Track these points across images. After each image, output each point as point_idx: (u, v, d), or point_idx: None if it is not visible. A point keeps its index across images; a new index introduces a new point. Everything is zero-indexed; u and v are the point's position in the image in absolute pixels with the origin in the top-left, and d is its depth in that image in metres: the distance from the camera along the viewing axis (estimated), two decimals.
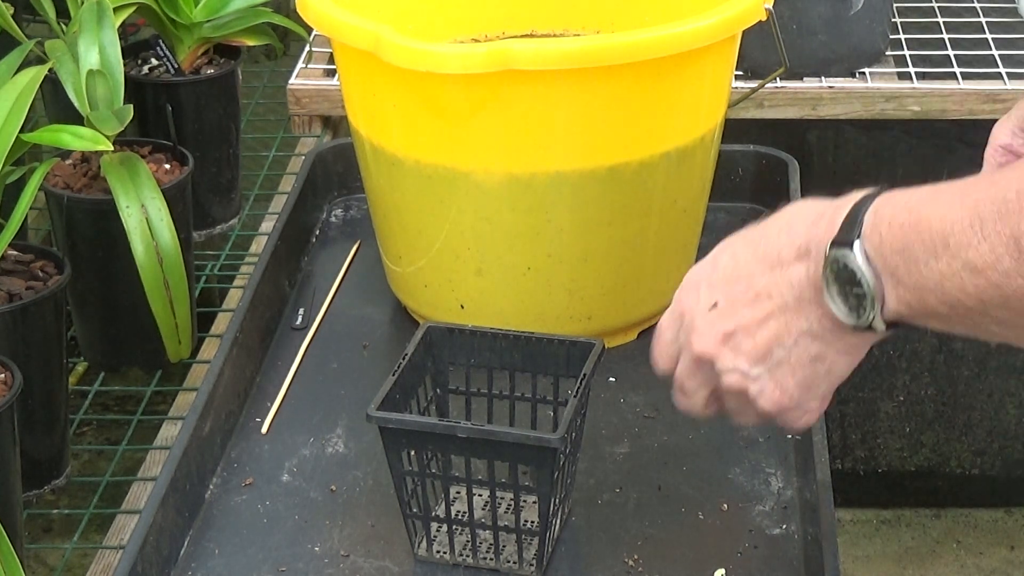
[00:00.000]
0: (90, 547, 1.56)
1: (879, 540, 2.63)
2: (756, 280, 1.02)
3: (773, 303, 1.01)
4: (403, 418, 1.20)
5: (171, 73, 1.87)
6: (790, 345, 1.02)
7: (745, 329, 1.03)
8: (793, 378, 1.03)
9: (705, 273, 1.06)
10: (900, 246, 0.92)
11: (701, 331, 1.05)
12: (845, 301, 0.97)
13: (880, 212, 0.94)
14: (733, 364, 1.04)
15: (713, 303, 1.04)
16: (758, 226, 1.04)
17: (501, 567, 1.21)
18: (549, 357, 1.27)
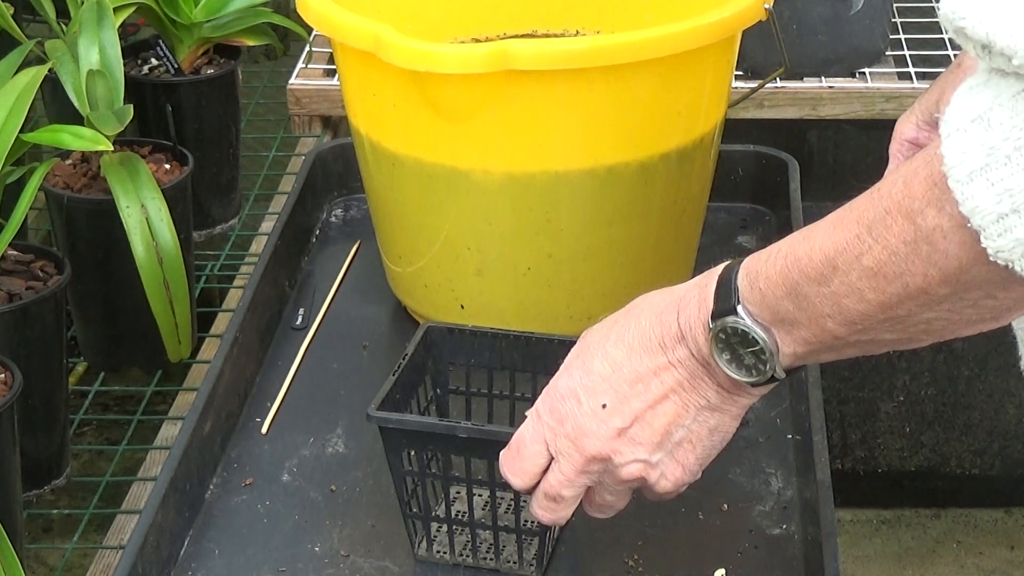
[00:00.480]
0: (90, 547, 1.56)
1: (879, 540, 2.63)
2: (641, 369, 1.03)
3: (665, 386, 1.03)
4: (403, 418, 1.20)
5: (171, 73, 1.87)
6: (689, 423, 1.04)
7: (640, 419, 1.04)
8: (694, 454, 1.06)
9: (577, 381, 1.06)
10: (784, 291, 0.95)
11: (593, 433, 1.05)
12: (740, 364, 1.00)
13: (752, 271, 0.98)
14: (633, 456, 1.05)
15: (601, 404, 1.04)
16: (616, 324, 1.06)
17: (501, 567, 1.21)
18: (549, 357, 1.27)
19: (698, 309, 1.01)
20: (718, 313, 0.99)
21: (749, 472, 1.31)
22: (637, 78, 1.35)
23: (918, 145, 1.19)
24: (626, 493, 1.10)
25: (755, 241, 1.65)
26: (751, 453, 1.33)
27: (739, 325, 0.98)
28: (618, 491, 1.09)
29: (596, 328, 1.08)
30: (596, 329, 1.08)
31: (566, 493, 1.08)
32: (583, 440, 1.05)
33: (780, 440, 1.35)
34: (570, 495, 1.08)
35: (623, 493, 1.09)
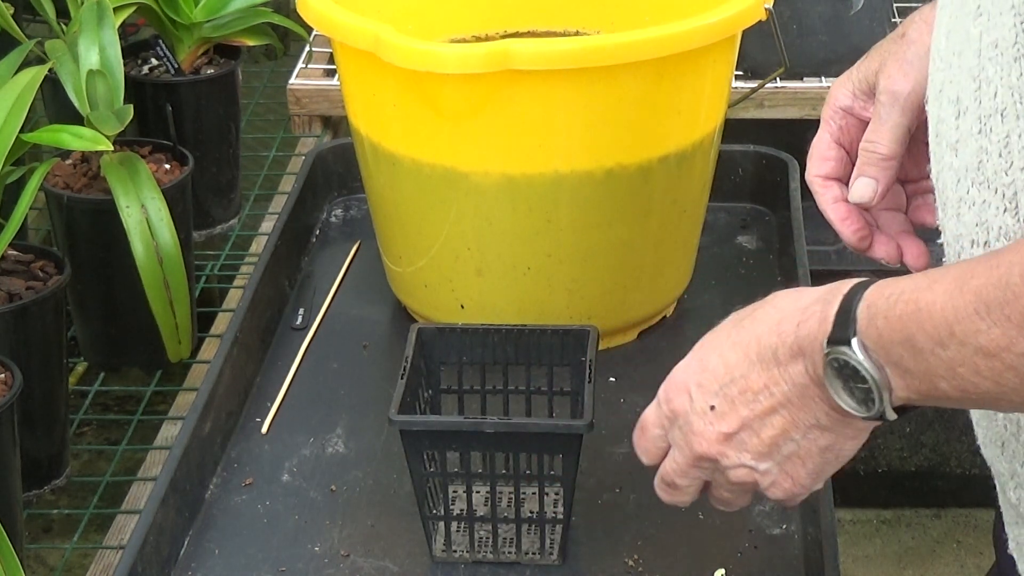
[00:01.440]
0: (90, 547, 1.56)
1: (879, 540, 2.63)
2: (752, 379, 1.00)
3: (774, 399, 0.99)
4: (428, 419, 1.21)
5: (171, 73, 1.87)
6: (799, 438, 1.00)
7: (748, 427, 1.01)
8: (805, 468, 1.02)
9: (693, 375, 1.04)
10: (901, 338, 0.90)
11: (701, 433, 1.03)
12: (851, 395, 0.95)
13: (874, 304, 0.92)
14: (739, 461, 1.02)
15: (710, 406, 1.02)
16: (741, 323, 1.02)
17: (522, 559, 1.22)
18: (543, 348, 1.28)
19: (818, 327, 0.95)
20: (834, 340, 0.94)
21: None
22: (637, 78, 1.35)
23: (852, 114, 1.16)
24: (743, 493, 1.07)
25: (755, 241, 1.65)
26: None
27: (851, 359, 0.93)
28: (733, 490, 1.06)
29: (726, 321, 1.04)
30: (725, 322, 1.04)
31: (679, 482, 1.07)
32: (692, 438, 1.03)
33: None
34: (684, 484, 1.07)
35: (739, 492, 1.07)
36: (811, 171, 1.18)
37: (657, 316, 1.52)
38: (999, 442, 1.01)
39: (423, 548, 1.23)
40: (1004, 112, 0.90)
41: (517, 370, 1.29)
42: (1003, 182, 0.91)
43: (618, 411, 1.40)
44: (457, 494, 1.23)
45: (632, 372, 1.45)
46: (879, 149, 1.13)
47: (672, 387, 1.05)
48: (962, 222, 0.95)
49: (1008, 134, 0.90)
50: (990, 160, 0.92)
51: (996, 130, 0.91)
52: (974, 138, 0.93)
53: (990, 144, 0.92)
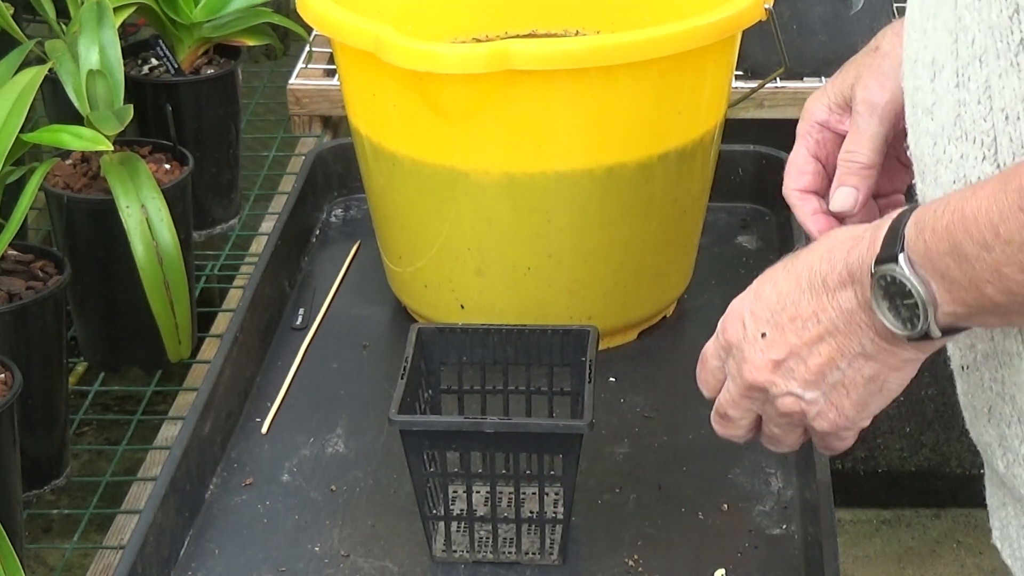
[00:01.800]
0: (90, 547, 1.56)
1: (879, 540, 2.63)
2: (801, 307, 1.02)
3: (822, 326, 1.01)
4: (428, 419, 1.21)
5: (171, 73, 1.87)
6: (844, 367, 1.02)
7: (796, 355, 1.03)
8: (849, 399, 1.03)
9: (748, 304, 1.06)
10: (947, 247, 0.92)
11: (752, 361, 1.05)
12: (897, 315, 0.96)
13: (921, 220, 0.94)
14: (787, 389, 1.04)
15: (761, 333, 1.04)
16: (797, 255, 1.04)
17: (522, 559, 1.22)
18: (543, 348, 1.28)
19: (867, 250, 0.97)
20: (881, 259, 0.96)
21: (749, 472, 1.31)
22: (637, 78, 1.35)
23: (828, 128, 1.18)
24: (791, 429, 1.08)
25: (755, 241, 1.65)
26: (751, 453, 1.33)
27: (898, 274, 0.94)
28: (782, 424, 1.08)
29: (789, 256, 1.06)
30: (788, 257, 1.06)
31: (732, 413, 1.09)
32: (744, 366, 1.06)
33: None
34: (736, 416, 1.09)
35: (788, 428, 1.08)
36: (788, 185, 1.20)
37: (657, 316, 1.52)
38: (986, 408, 1.02)
39: (423, 548, 1.23)
40: (983, 57, 0.93)
41: (517, 370, 1.29)
42: (982, 129, 0.93)
43: (618, 411, 1.40)
44: (457, 494, 1.23)
45: (632, 372, 1.45)
46: (859, 158, 1.15)
47: (728, 317, 1.08)
48: (940, 184, 0.98)
49: (987, 78, 0.92)
50: (968, 111, 0.94)
51: (974, 78, 0.93)
52: (951, 93, 0.96)
53: (968, 94, 0.94)
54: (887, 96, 1.14)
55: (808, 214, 1.18)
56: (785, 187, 1.20)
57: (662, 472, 1.32)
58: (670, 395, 1.42)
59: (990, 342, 1.00)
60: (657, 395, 1.42)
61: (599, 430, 1.35)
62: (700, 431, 1.37)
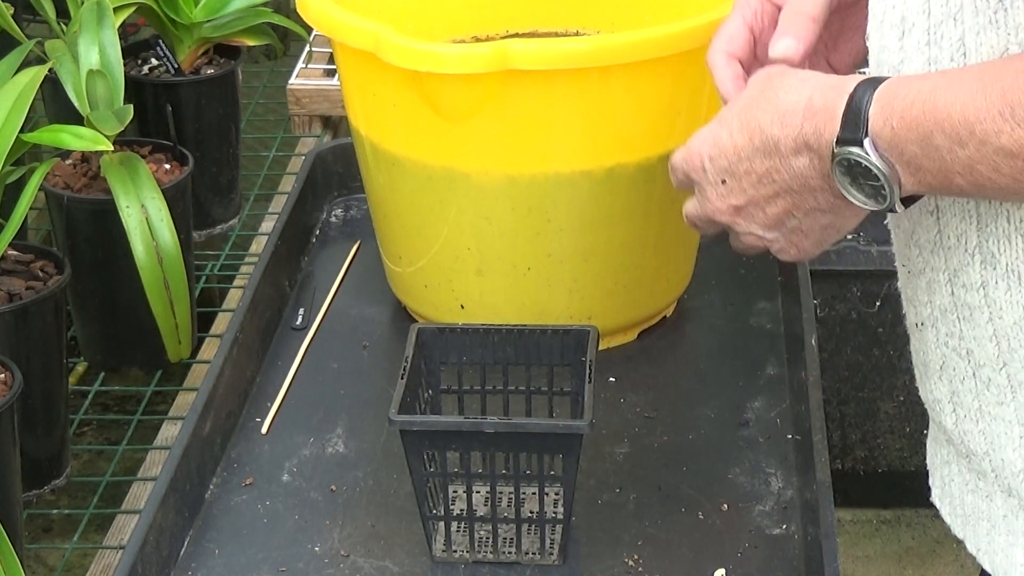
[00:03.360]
0: (90, 547, 1.56)
1: (879, 540, 2.63)
2: (756, 164, 1.03)
3: (776, 185, 1.03)
4: (428, 419, 1.21)
5: (171, 73, 1.87)
6: (801, 217, 1.04)
7: (754, 204, 1.05)
8: (807, 240, 1.07)
9: (707, 147, 1.07)
10: (917, 136, 0.93)
11: (713, 202, 1.08)
12: (860, 190, 0.98)
13: (888, 105, 0.95)
14: (748, 230, 1.07)
15: (721, 180, 1.06)
16: (751, 103, 1.05)
17: (522, 559, 1.22)
18: (543, 348, 1.28)
19: (824, 124, 0.98)
20: (844, 140, 0.96)
21: (749, 472, 1.31)
22: (637, 78, 1.35)
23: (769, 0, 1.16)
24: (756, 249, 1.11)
25: None
26: (751, 453, 1.33)
27: (862, 159, 0.96)
28: (747, 244, 1.10)
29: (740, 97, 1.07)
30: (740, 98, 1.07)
31: (700, 226, 1.12)
32: (706, 204, 1.08)
33: (780, 440, 1.35)
34: (704, 229, 1.13)
35: (753, 249, 1.11)
36: (715, 47, 1.17)
37: (657, 316, 1.52)
38: (938, 365, 1.04)
39: (423, 548, 1.23)
40: (957, 15, 0.94)
41: (517, 370, 1.29)
42: None
43: (618, 411, 1.40)
44: (457, 494, 1.23)
45: (632, 372, 1.45)
46: (803, 8, 1.13)
47: (690, 152, 1.09)
48: None
49: (963, 35, 0.94)
50: (939, 68, 0.95)
51: (948, 36, 0.95)
52: (920, 51, 0.97)
53: (940, 52, 0.95)
54: None
55: (730, 77, 1.16)
56: (710, 50, 1.18)
57: (662, 472, 1.32)
58: (670, 395, 1.42)
59: (949, 297, 1.01)
60: (657, 395, 1.42)
61: (599, 430, 1.35)
62: (700, 431, 1.37)
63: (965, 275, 0.99)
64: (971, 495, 1.06)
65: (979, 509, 1.05)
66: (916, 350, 1.08)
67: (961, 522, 1.07)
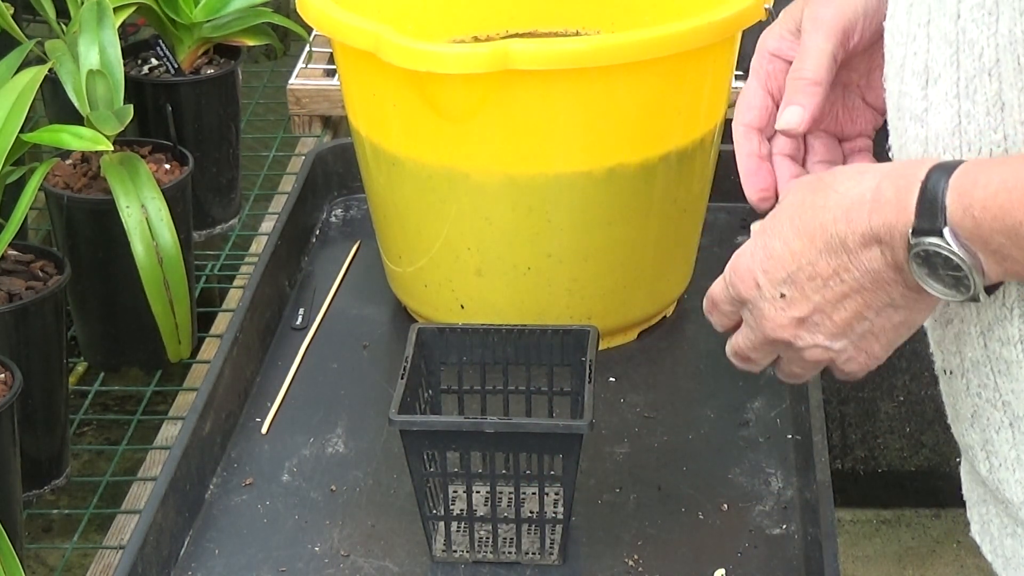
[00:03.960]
0: (90, 547, 1.56)
1: (879, 540, 2.63)
2: (820, 267, 0.98)
3: (846, 285, 0.98)
4: (428, 419, 1.21)
5: (171, 73, 1.87)
6: (872, 317, 0.99)
7: (820, 311, 1.00)
8: (879, 343, 1.01)
9: (759, 262, 1.02)
10: (1004, 227, 0.89)
11: (772, 319, 1.02)
12: (940, 281, 0.94)
13: (966, 193, 0.90)
14: (813, 342, 1.02)
15: (780, 294, 1.01)
16: (803, 207, 1.00)
17: (522, 559, 1.22)
18: (543, 348, 1.28)
19: (896, 216, 0.93)
20: (921, 231, 0.92)
21: (749, 472, 1.31)
22: (637, 78, 1.35)
23: (780, 57, 1.13)
24: (814, 369, 1.06)
25: None
26: (751, 453, 1.33)
27: (943, 250, 0.91)
28: (806, 366, 1.06)
29: (785, 204, 1.03)
30: (784, 206, 1.03)
31: (753, 356, 1.07)
32: (764, 323, 1.03)
33: (780, 440, 1.35)
34: (757, 358, 1.08)
35: (811, 369, 1.06)
36: (736, 120, 1.15)
37: (657, 316, 1.52)
38: (969, 413, 1.01)
39: (423, 548, 1.23)
40: (993, 71, 0.91)
41: (517, 370, 1.29)
42: (991, 140, 0.92)
43: (618, 411, 1.40)
44: (457, 494, 1.23)
45: (632, 372, 1.45)
46: (805, 74, 1.11)
47: (738, 274, 1.04)
48: None
49: (1000, 90, 0.91)
50: (973, 123, 0.93)
51: (982, 90, 0.92)
52: (948, 103, 0.94)
53: (974, 106, 0.92)
54: (832, 11, 1.10)
55: (744, 153, 1.13)
56: (734, 120, 1.15)
57: (662, 472, 1.32)
58: (670, 395, 1.42)
59: (982, 349, 0.98)
60: (657, 395, 1.42)
61: (599, 430, 1.35)
62: (700, 431, 1.37)
63: (1001, 329, 0.97)
64: (1010, 539, 1.03)
65: (1019, 554, 1.02)
66: (945, 392, 1.05)
67: (1002, 563, 1.05)
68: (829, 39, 1.10)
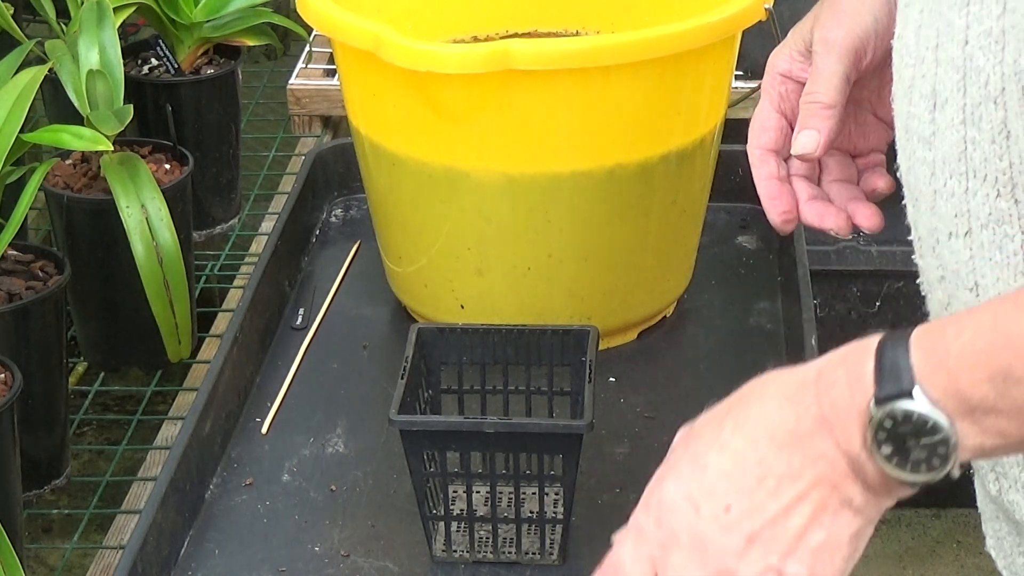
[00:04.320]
0: (90, 547, 1.56)
1: (879, 540, 2.63)
2: (769, 464, 0.87)
3: (803, 482, 0.87)
4: (428, 419, 1.21)
5: (171, 73, 1.87)
6: (827, 524, 0.87)
7: (774, 521, 0.87)
8: (833, 567, 0.88)
9: (689, 482, 0.90)
10: (987, 375, 0.81)
11: (715, 542, 0.88)
12: (905, 459, 0.85)
13: (933, 349, 0.83)
14: (763, 563, 0.87)
15: (724, 506, 0.88)
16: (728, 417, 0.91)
17: (522, 559, 1.22)
18: (543, 348, 1.28)
19: (849, 392, 0.84)
20: (885, 397, 0.83)
21: None
22: (637, 78, 1.35)
23: (791, 78, 1.12)
24: None
25: (755, 241, 1.65)
26: None
27: (916, 411, 0.82)
28: None
29: (701, 421, 0.93)
30: (702, 422, 0.93)
31: None
32: (705, 553, 0.88)
33: None
34: None
35: None
36: (751, 143, 1.12)
37: (657, 316, 1.52)
38: None
39: (423, 548, 1.23)
40: (998, 99, 0.89)
41: (517, 370, 1.29)
42: (997, 168, 0.90)
43: (618, 411, 1.40)
44: (457, 494, 1.23)
45: (632, 372, 1.45)
46: (819, 98, 1.09)
47: (662, 507, 0.91)
48: (937, 215, 0.94)
49: (1006, 120, 0.89)
50: (978, 149, 0.91)
51: (988, 118, 0.90)
52: (955, 129, 0.92)
53: (979, 133, 0.91)
54: (843, 32, 1.09)
55: (763, 177, 1.10)
56: (748, 144, 1.12)
57: None
58: (670, 395, 1.42)
59: None
60: (657, 395, 1.42)
61: (599, 430, 1.35)
62: None
63: None
64: (1022, 558, 1.00)
65: None
66: None
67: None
68: (841, 61, 1.09)
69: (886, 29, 1.08)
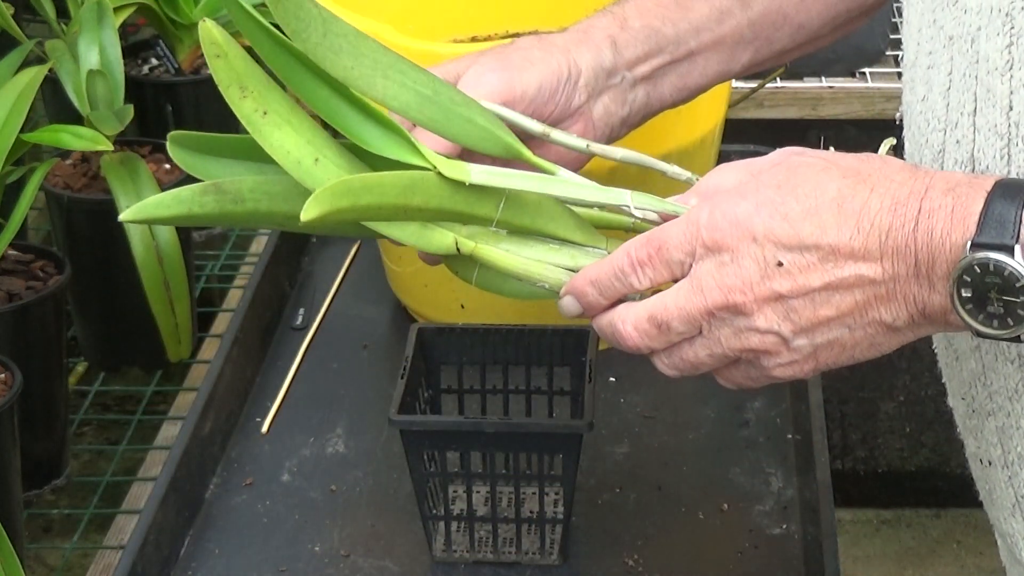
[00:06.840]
0: (90, 547, 1.56)
1: (879, 540, 2.63)
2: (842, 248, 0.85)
3: (860, 280, 0.85)
4: (428, 419, 1.21)
5: (171, 73, 1.87)
6: (855, 328, 0.86)
7: (809, 297, 0.85)
8: (835, 358, 0.88)
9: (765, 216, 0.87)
10: None
11: (748, 282, 0.86)
12: (981, 309, 0.83)
13: None
14: (775, 327, 0.87)
15: (777, 262, 0.86)
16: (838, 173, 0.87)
17: (522, 559, 1.22)
18: (543, 348, 1.28)
19: (950, 223, 0.82)
20: (982, 244, 0.81)
21: (749, 472, 1.31)
22: None
23: None
24: (724, 360, 0.91)
25: None
26: (751, 453, 1.33)
27: (1010, 267, 0.80)
28: (719, 354, 0.91)
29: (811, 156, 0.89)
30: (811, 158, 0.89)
31: (677, 326, 0.91)
32: (732, 280, 0.87)
33: (780, 440, 1.35)
34: (679, 330, 0.91)
35: (721, 358, 0.91)
36: None
37: None
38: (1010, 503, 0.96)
39: (423, 548, 1.23)
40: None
41: (517, 370, 1.29)
42: None
43: (618, 411, 1.40)
44: (457, 494, 1.23)
45: (632, 372, 1.45)
46: None
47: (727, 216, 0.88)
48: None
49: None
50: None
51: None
52: None
53: None
54: None
55: None
56: None
57: (662, 472, 1.32)
58: (670, 395, 1.42)
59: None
60: (657, 395, 1.42)
61: (599, 430, 1.35)
62: (700, 431, 1.37)
63: None
64: None
65: None
66: (979, 478, 0.98)
67: None
68: None
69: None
